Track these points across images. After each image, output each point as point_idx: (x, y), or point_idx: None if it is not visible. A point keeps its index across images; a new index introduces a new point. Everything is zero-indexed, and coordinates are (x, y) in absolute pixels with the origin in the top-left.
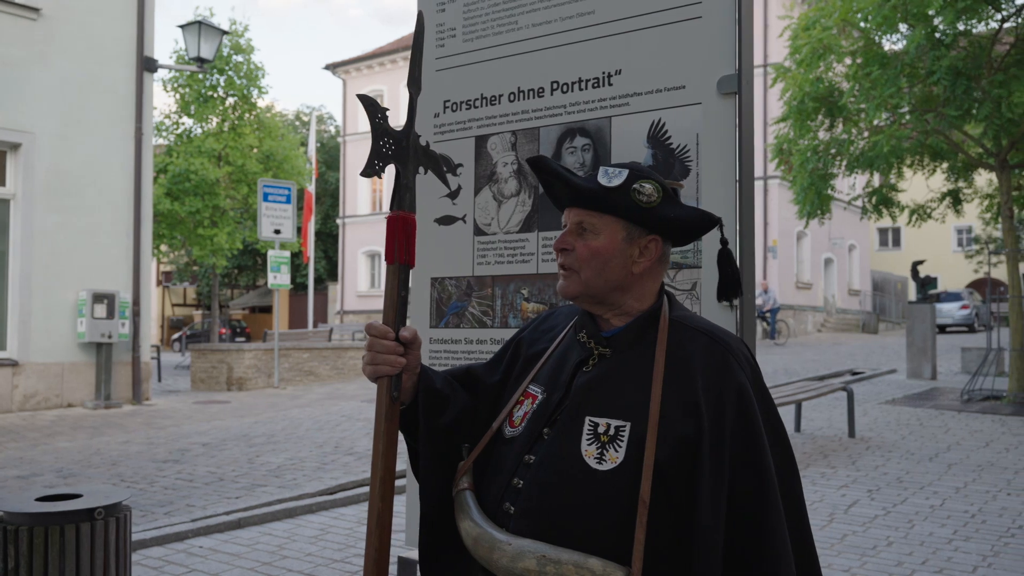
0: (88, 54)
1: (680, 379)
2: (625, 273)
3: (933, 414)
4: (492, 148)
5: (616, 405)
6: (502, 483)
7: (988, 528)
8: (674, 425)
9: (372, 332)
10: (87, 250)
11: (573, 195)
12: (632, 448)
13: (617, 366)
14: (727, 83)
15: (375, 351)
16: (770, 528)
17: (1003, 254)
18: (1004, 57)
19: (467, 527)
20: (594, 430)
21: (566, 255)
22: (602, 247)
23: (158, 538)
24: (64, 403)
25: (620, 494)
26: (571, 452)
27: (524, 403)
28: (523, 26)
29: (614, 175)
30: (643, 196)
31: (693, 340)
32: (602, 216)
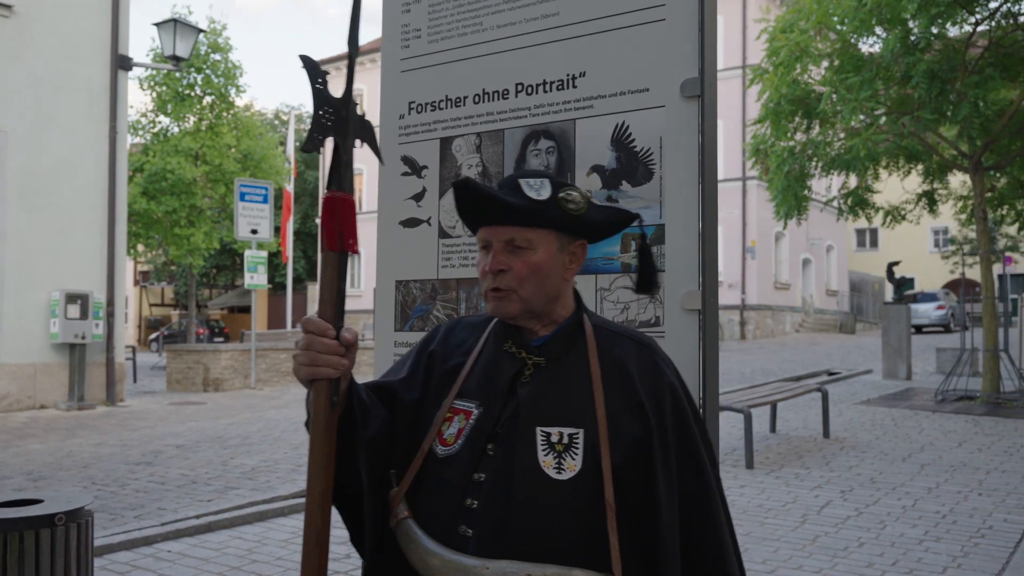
0: (62, 52)
1: (619, 383)
2: (559, 282)
3: (907, 414)
4: (457, 150)
5: (565, 413)
6: (451, 505)
7: (959, 528)
8: (624, 428)
9: (311, 328)
10: (60, 250)
11: (506, 214)
12: (588, 454)
13: (556, 374)
14: (690, 86)
15: (314, 350)
16: (714, 518)
17: (978, 255)
18: (978, 60)
19: (423, 556)
20: (547, 440)
21: (501, 277)
22: (541, 261)
23: (126, 542)
24: (36, 404)
25: (583, 501)
26: (529, 465)
27: (454, 420)
28: (488, 27)
29: (539, 187)
30: (572, 204)
31: (620, 344)
32: (535, 230)
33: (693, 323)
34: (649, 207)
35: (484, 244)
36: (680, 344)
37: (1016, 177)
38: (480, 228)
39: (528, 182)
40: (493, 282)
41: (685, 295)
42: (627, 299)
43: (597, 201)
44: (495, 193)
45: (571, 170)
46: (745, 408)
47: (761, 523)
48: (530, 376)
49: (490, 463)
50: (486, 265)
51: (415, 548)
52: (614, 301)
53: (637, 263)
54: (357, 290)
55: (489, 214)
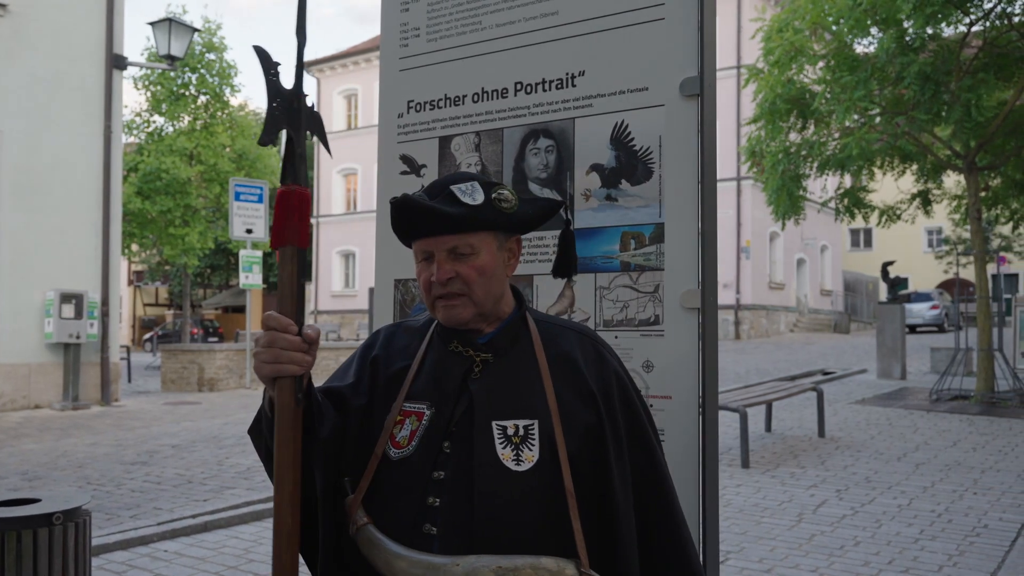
0: (56, 51)
1: (567, 373)
2: (503, 280)
3: (902, 414)
4: (456, 149)
5: (518, 406)
6: (411, 506)
7: (954, 527)
8: (577, 416)
9: (273, 324)
10: (55, 249)
11: (446, 224)
12: (544, 444)
13: (505, 369)
14: (689, 85)
15: (278, 347)
16: (669, 501)
17: (971, 255)
18: (972, 61)
19: (388, 560)
20: (504, 433)
21: (451, 283)
22: (486, 263)
23: (122, 542)
24: (31, 404)
25: (544, 490)
26: (488, 459)
27: (406, 422)
28: (487, 26)
29: (470, 191)
30: (506, 204)
31: (563, 336)
32: (476, 234)
33: (692, 322)
34: (648, 206)
35: (424, 255)
36: (679, 343)
37: (1010, 177)
38: (417, 240)
39: (460, 188)
40: (442, 290)
41: (684, 294)
42: (627, 298)
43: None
44: (435, 205)
45: (570, 169)
46: (741, 408)
47: (757, 522)
48: (480, 372)
49: (448, 460)
50: (432, 276)
51: (379, 553)
52: (613, 300)
53: (558, 248)
54: (351, 290)
55: (428, 226)
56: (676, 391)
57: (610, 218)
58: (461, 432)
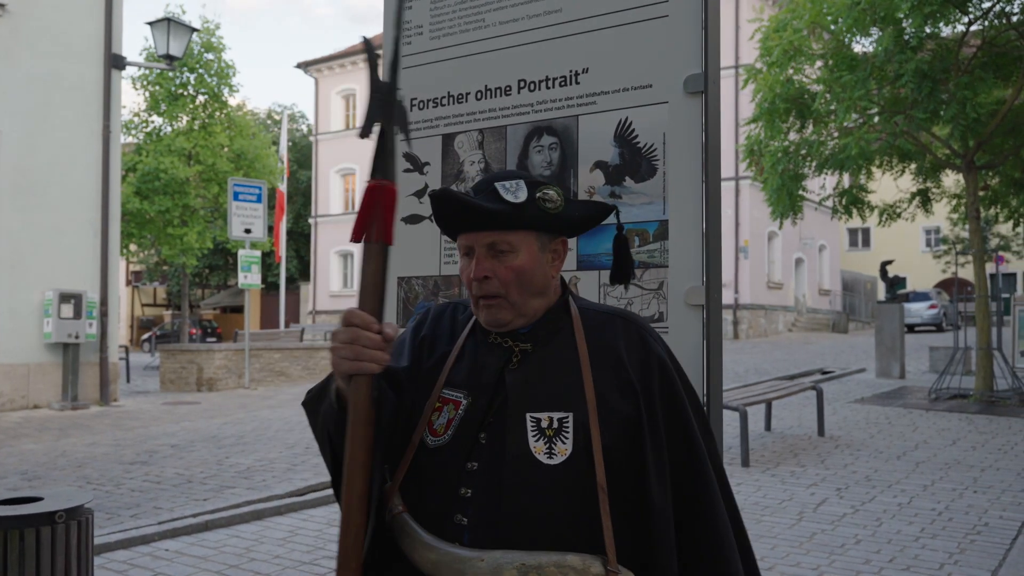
0: (55, 51)
1: (608, 362)
2: (546, 280)
3: (901, 413)
4: (459, 147)
5: (554, 398)
6: (445, 495)
7: (955, 526)
8: (614, 408)
9: (355, 321)
10: (53, 249)
11: (486, 220)
12: (579, 437)
13: (544, 360)
14: (693, 82)
15: (360, 344)
16: (707, 494)
17: (970, 254)
18: (971, 59)
19: (421, 551)
20: (537, 425)
21: (486, 283)
22: (524, 264)
23: (123, 541)
24: (30, 404)
25: (575, 484)
26: (520, 452)
27: (444, 410)
28: (490, 24)
29: (515, 189)
30: (550, 204)
31: (608, 324)
32: (516, 233)
33: (697, 319)
34: (652, 203)
35: (466, 250)
36: (684, 340)
37: (1009, 176)
38: (460, 234)
39: (504, 185)
40: (480, 290)
41: (689, 291)
42: (630, 295)
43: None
44: (473, 200)
45: (574, 166)
46: (740, 406)
47: (758, 520)
48: (518, 363)
49: (482, 452)
50: (471, 272)
51: (411, 543)
52: (617, 297)
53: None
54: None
55: (469, 221)
56: None
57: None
58: (497, 423)
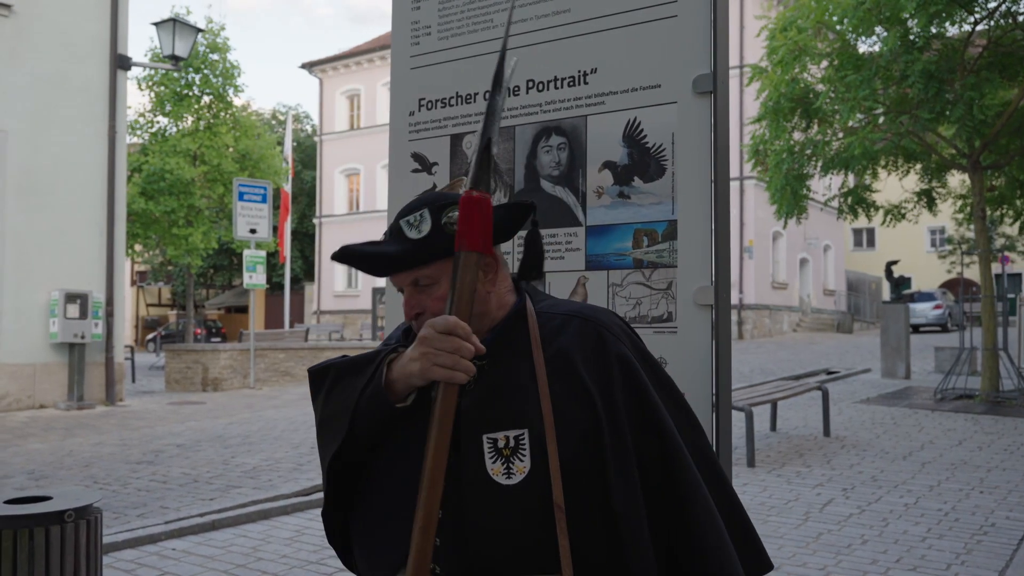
0: (61, 51)
1: (563, 370)
2: (484, 297)
3: (907, 413)
4: (467, 147)
5: (508, 415)
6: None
7: (961, 526)
8: (571, 419)
9: (460, 332)
10: (59, 250)
11: (393, 264)
12: (536, 453)
13: (499, 376)
14: (702, 82)
15: (460, 354)
16: (686, 486)
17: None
18: (976, 59)
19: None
20: (494, 446)
21: (421, 319)
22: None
23: (131, 540)
24: (36, 404)
25: (536, 502)
26: (477, 476)
27: None
28: (499, 24)
29: (418, 222)
30: (456, 226)
31: (565, 326)
32: (431, 265)
33: (706, 319)
34: (661, 203)
35: (397, 288)
36: (693, 340)
37: (1015, 176)
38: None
39: (407, 220)
40: (417, 327)
41: (697, 291)
42: (639, 295)
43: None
44: (371, 250)
45: (583, 166)
46: (746, 407)
47: (764, 521)
48: (474, 383)
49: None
50: (407, 312)
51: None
52: (626, 297)
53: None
54: (354, 290)
55: (380, 269)
56: (689, 388)
57: (623, 215)
58: (455, 446)
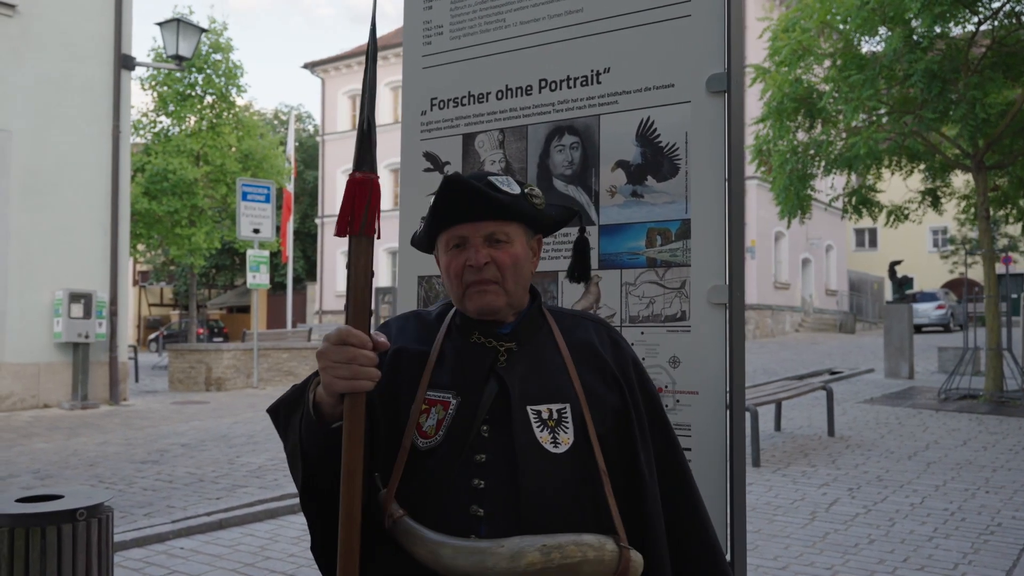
0: (65, 51)
1: (589, 358)
2: (529, 276)
3: (911, 413)
4: (480, 146)
5: (548, 391)
6: (454, 490)
7: (968, 526)
8: (604, 399)
9: (352, 341)
10: (63, 249)
11: (490, 209)
12: (578, 426)
13: (530, 356)
14: (716, 81)
15: (357, 364)
16: (686, 479)
17: (979, 254)
18: (980, 59)
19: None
20: (539, 417)
21: (486, 269)
22: (519, 253)
23: (139, 539)
24: (40, 404)
25: (578, 470)
26: (528, 441)
27: (431, 412)
28: (511, 24)
29: (507, 183)
30: (537, 200)
31: (580, 325)
32: (511, 224)
33: (719, 317)
34: (674, 202)
35: (458, 242)
36: (706, 338)
37: (1019, 176)
38: (452, 227)
39: (499, 179)
40: (478, 275)
41: (711, 289)
42: (653, 294)
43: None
44: (482, 187)
45: (596, 165)
46: (751, 406)
47: (770, 520)
48: (506, 361)
49: (487, 444)
50: (470, 259)
51: (421, 543)
52: (639, 296)
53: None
54: None
55: (474, 209)
56: (702, 387)
57: (636, 214)
58: (497, 417)
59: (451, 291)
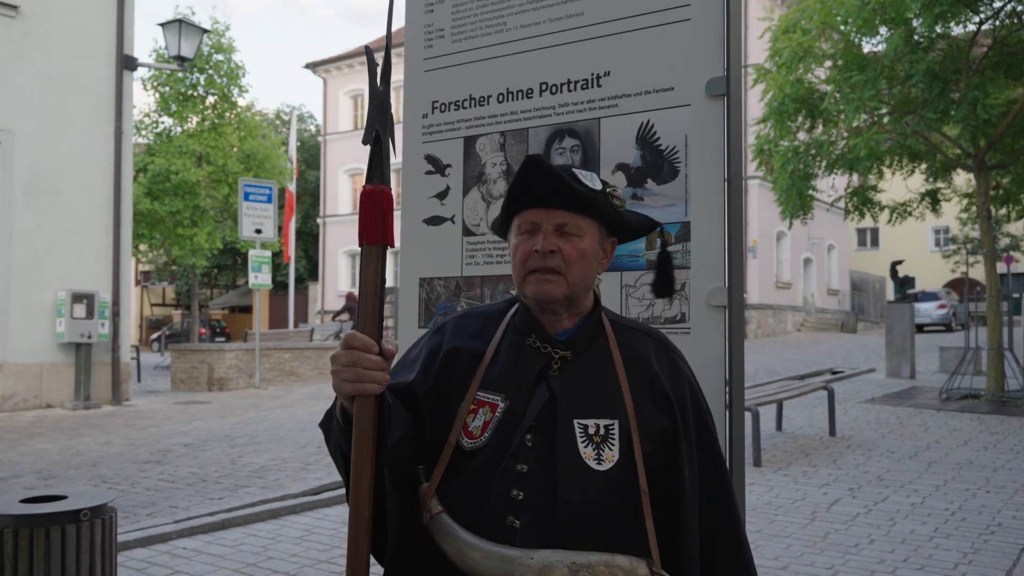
0: (67, 52)
1: (643, 375)
2: (595, 274)
3: (912, 413)
4: (481, 149)
5: (598, 406)
6: (495, 496)
7: (968, 525)
8: (652, 418)
9: (356, 345)
10: (66, 250)
11: (566, 198)
12: (624, 444)
13: (584, 368)
14: (715, 85)
15: (361, 367)
16: (731, 505)
17: (981, 254)
18: (981, 59)
19: (461, 550)
20: (585, 431)
21: (551, 257)
22: (588, 248)
23: (142, 539)
24: (43, 404)
25: (621, 490)
26: (571, 456)
27: (479, 412)
28: (512, 27)
29: (591, 179)
30: (617, 200)
31: (638, 339)
32: (584, 218)
33: (719, 320)
34: (674, 205)
35: (529, 227)
36: (706, 341)
37: (1020, 175)
38: (527, 210)
39: (582, 173)
40: (542, 261)
41: (711, 292)
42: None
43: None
44: (562, 175)
45: (596, 168)
46: (752, 406)
47: (771, 520)
48: (558, 370)
49: (529, 455)
50: (536, 245)
51: (452, 542)
52: (639, 298)
53: (657, 270)
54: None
55: (550, 196)
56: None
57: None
58: (542, 427)
59: (515, 275)
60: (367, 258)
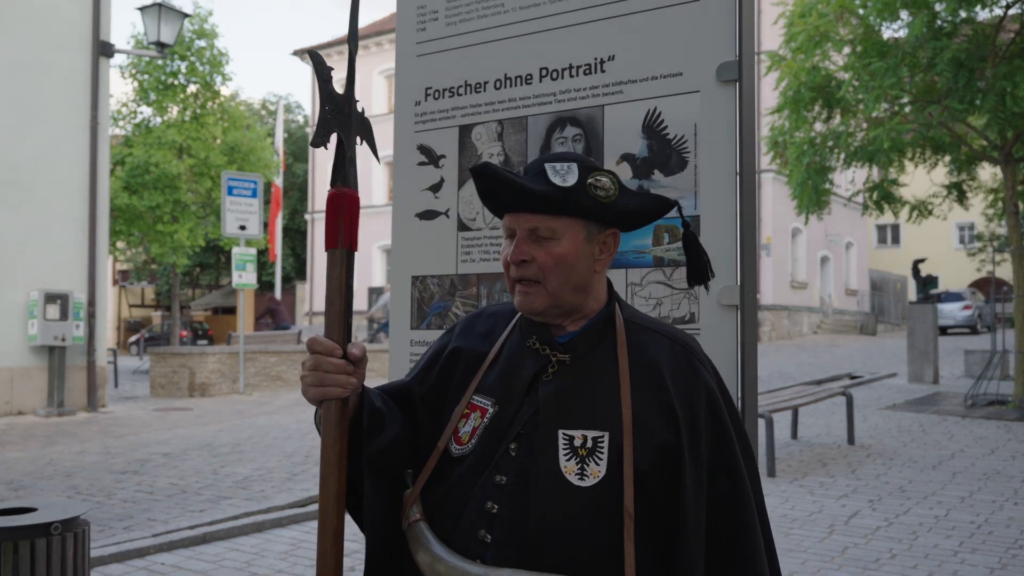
0: (40, 38)
1: (649, 382)
2: (589, 274)
3: (936, 420)
4: (477, 138)
5: (589, 415)
6: (472, 508)
7: (995, 539)
8: (653, 431)
9: (317, 349)
10: (39, 247)
11: (526, 201)
12: (613, 459)
13: (581, 373)
14: (727, 70)
15: (322, 371)
16: (747, 524)
17: (1008, 252)
18: (1008, 46)
19: (428, 562)
20: (570, 443)
21: (524, 267)
22: (566, 253)
23: (117, 554)
24: (14, 411)
25: (605, 509)
26: (549, 470)
27: (471, 417)
28: (510, 9)
29: (565, 172)
30: (601, 191)
31: (654, 342)
32: (560, 219)
33: (731, 319)
34: (683, 197)
35: (508, 232)
36: (717, 342)
37: None
38: (504, 215)
39: (554, 167)
40: (517, 273)
41: (722, 290)
42: (660, 295)
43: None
44: (515, 179)
45: (599, 159)
46: (766, 413)
47: (786, 534)
48: (552, 375)
49: (511, 465)
50: (508, 255)
51: (424, 553)
52: (645, 297)
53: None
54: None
55: (510, 201)
56: None
57: None
58: (528, 435)
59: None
60: (332, 262)
